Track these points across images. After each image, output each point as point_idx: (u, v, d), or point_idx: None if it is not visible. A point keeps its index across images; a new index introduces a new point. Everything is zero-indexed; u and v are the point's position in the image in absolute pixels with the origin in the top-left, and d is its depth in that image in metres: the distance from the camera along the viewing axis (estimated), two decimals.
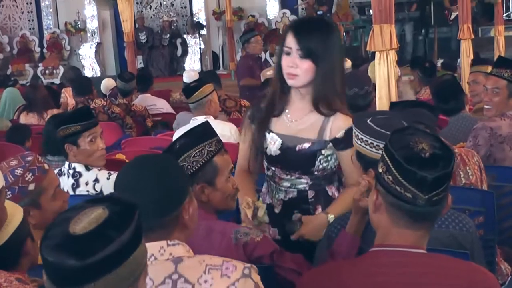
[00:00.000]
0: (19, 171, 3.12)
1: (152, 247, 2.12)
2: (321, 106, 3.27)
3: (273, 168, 3.43)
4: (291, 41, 3.19)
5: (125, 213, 1.76)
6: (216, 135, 2.99)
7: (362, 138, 2.84)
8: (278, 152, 3.36)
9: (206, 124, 3.00)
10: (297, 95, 3.32)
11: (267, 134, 3.39)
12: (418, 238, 2.21)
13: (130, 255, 1.73)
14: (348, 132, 3.17)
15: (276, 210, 3.46)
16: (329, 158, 3.33)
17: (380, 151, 2.50)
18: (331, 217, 3.20)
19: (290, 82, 3.25)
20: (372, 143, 2.76)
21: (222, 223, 2.93)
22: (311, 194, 3.40)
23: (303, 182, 3.38)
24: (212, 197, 2.91)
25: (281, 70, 3.27)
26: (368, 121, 2.86)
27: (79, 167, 4.22)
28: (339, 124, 3.27)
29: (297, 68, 3.18)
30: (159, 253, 2.14)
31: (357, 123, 2.89)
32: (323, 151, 3.30)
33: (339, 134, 3.26)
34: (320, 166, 3.33)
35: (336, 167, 3.42)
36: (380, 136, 2.71)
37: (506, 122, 4.66)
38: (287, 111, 3.35)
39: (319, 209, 3.38)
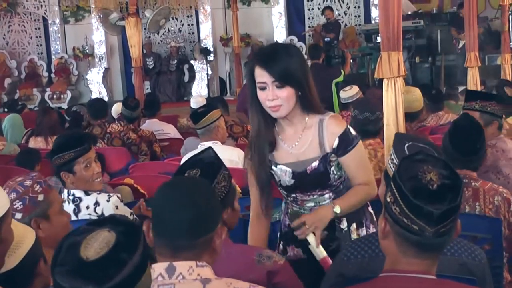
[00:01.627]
0: (28, 183, 3.18)
1: (181, 266, 2.18)
2: (313, 108, 3.33)
3: (294, 195, 3.49)
4: (262, 75, 3.20)
5: (131, 233, 1.80)
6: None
7: (393, 160, 2.86)
8: (292, 181, 3.41)
9: (211, 149, 3.02)
10: (285, 121, 3.36)
11: (274, 168, 3.44)
12: (426, 266, 2.21)
13: (142, 275, 1.76)
14: (341, 136, 3.30)
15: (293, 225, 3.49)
16: (339, 164, 3.39)
17: None
18: (336, 208, 3.26)
19: (275, 114, 3.28)
20: (396, 164, 2.78)
21: (239, 245, 3.01)
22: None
23: (326, 198, 3.44)
24: (231, 218, 2.95)
25: (258, 105, 3.29)
26: (405, 146, 2.88)
27: (78, 193, 4.23)
28: (332, 131, 3.32)
29: (278, 99, 3.20)
30: (187, 272, 2.18)
31: (396, 144, 2.92)
32: (331, 162, 3.36)
33: (335, 143, 3.32)
34: (336, 176, 3.40)
35: None
36: None
37: (489, 151, 4.64)
38: (282, 141, 3.39)
39: (345, 222, 3.46)
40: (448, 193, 2.12)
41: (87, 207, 4.21)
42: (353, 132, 3.36)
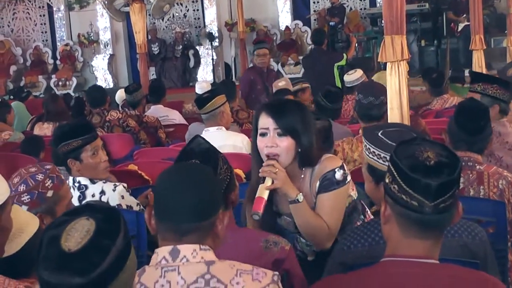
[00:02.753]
0: (40, 177, 3.17)
1: (185, 249, 2.22)
2: (310, 163, 3.30)
3: (297, 235, 3.50)
4: (266, 121, 3.20)
5: (111, 219, 1.81)
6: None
7: (374, 152, 2.85)
8: (297, 230, 3.39)
9: (199, 137, 3.02)
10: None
11: (278, 220, 3.44)
12: (429, 248, 2.21)
13: (127, 260, 1.77)
14: (326, 174, 3.25)
15: (310, 258, 3.53)
16: None
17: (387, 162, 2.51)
18: (300, 196, 3.19)
19: None
20: (385, 157, 2.77)
21: (244, 230, 3.06)
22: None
23: None
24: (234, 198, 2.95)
25: (258, 156, 3.27)
26: (379, 133, 2.86)
27: (84, 181, 4.22)
28: (320, 172, 3.28)
29: (278, 147, 3.18)
30: (191, 255, 2.23)
31: (368, 136, 2.89)
32: None
33: (317, 184, 3.28)
34: None
35: (350, 203, 3.44)
36: (389, 148, 2.72)
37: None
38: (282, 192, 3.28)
39: None
40: (445, 169, 2.13)
41: (93, 195, 4.20)
42: (340, 176, 3.27)
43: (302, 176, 3.32)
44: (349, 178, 3.31)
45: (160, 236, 2.28)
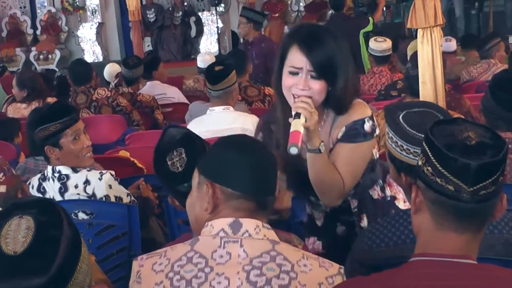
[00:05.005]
0: None
1: (248, 223, 2.37)
2: (338, 110, 3.31)
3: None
4: (300, 60, 3.17)
5: (47, 209, 1.82)
6: None
7: (392, 138, 2.84)
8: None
9: (170, 127, 3.08)
10: None
11: None
12: (466, 244, 2.18)
13: (80, 249, 1.79)
14: (352, 124, 3.26)
15: (319, 223, 3.57)
16: None
17: (411, 156, 2.50)
18: (322, 146, 3.17)
19: None
20: (402, 146, 2.76)
21: None
22: (353, 203, 3.46)
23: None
24: None
25: (281, 92, 3.27)
26: (399, 116, 2.84)
27: (65, 170, 4.22)
28: (345, 120, 3.29)
29: (310, 90, 3.16)
30: (254, 231, 2.37)
31: (388, 117, 2.88)
32: None
33: (340, 133, 3.29)
34: None
35: (372, 159, 3.44)
36: (412, 139, 2.71)
37: None
38: None
39: (365, 220, 3.45)
40: (488, 150, 2.10)
41: (76, 186, 4.21)
42: (369, 128, 3.26)
43: (324, 117, 3.33)
44: (377, 131, 3.32)
45: (230, 208, 2.41)
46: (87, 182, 4.21)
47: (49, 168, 4.23)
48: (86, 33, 19.27)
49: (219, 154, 2.48)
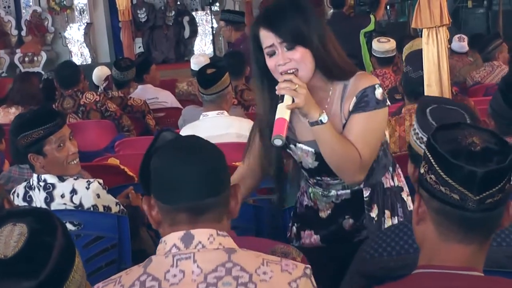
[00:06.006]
0: None
1: (200, 234, 2.29)
2: (338, 75, 3.32)
3: (318, 178, 3.50)
4: (268, 38, 3.22)
5: (43, 218, 1.84)
6: None
7: (415, 129, 2.87)
8: (316, 163, 3.41)
9: (165, 132, 3.08)
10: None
11: (293, 147, 3.45)
12: (472, 255, 2.18)
13: (74, 259, 1.80)
14: (362, 93, 3.26)
15: (323, 215, 3.55)
16: None
17: (423, 145, 2.50)
18: (324, 117, 3.18)
19: None
20: (417, 134, 2.78)
21: (246, 238, 3.04)
22: (366, 192, 3.46)
23: None
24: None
25: (267, 76, 3.30)
26: (428, 109, 2.86)
27: (51, 179, 4.21)
28: (354, 90, 3.29)
29: (292, 61, 3.19)
30: (207, 240, 2.29)
31: (419, 112, 2.90)
32: None
33: (352, 103, 3.29)
34: None
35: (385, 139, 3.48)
36: (429, 129, 2.71)
37: None
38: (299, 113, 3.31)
39: (375, 210, 3.45)
40: (494, 156, 2.10)
41: (62, 196, 4.19)
42: (381, 96, 3.28)
43: (331, 88, 3.35)
44: (388, 102, 3.34)
45: (168, 223, 2.34)
46: (73, 191, 4.19)
47: (35, 176, 4.23)
48: (74, 34, 19.26)
49: (154, 168, 2.38)
